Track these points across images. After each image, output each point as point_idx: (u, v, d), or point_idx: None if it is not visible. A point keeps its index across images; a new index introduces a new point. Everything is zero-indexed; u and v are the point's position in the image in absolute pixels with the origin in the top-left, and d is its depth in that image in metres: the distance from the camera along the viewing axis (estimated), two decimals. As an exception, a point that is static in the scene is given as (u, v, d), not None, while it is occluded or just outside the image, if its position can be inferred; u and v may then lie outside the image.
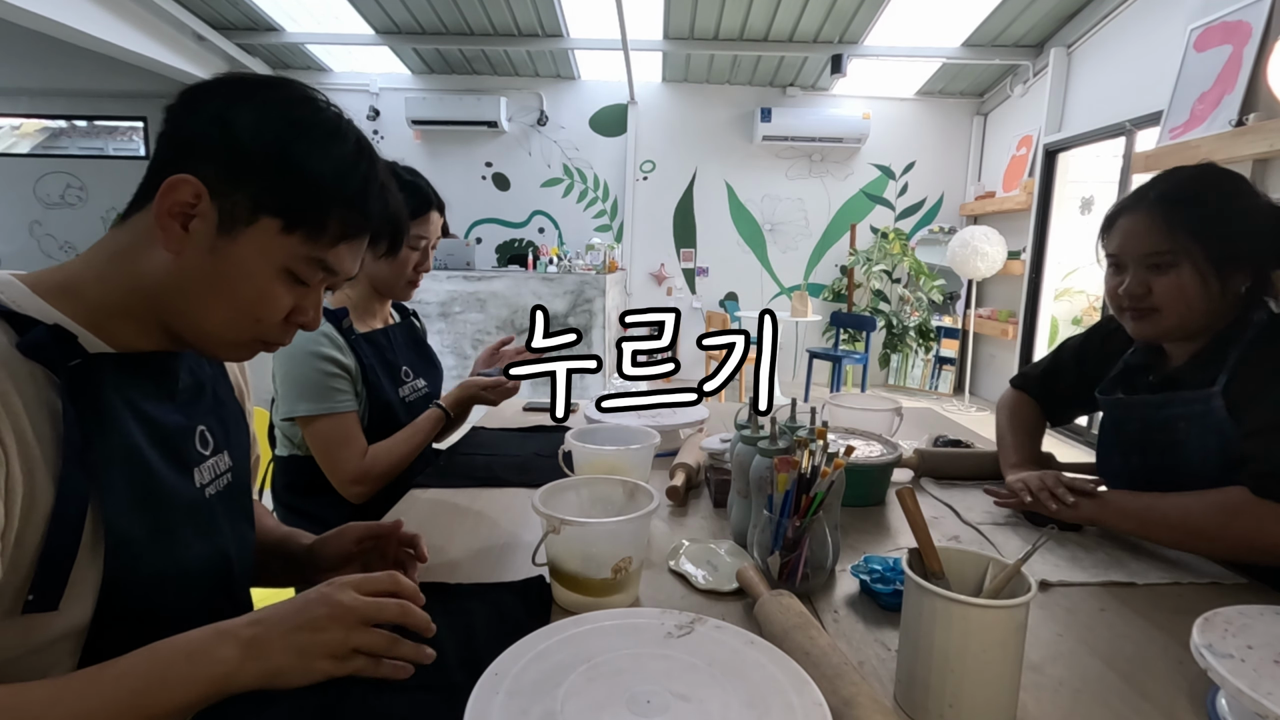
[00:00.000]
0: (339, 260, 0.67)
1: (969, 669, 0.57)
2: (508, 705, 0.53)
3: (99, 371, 0.59)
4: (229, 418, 0.77)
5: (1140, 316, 1.00)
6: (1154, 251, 0.96)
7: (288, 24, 5.11)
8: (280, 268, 0.64)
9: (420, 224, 1.32)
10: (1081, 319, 6.01)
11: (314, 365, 1.21)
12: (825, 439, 0.83)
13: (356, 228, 0.67)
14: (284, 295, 0.65)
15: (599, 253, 5.19)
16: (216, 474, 0.72)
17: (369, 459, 1.22)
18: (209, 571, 0.67)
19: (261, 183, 0.61)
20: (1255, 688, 0.53)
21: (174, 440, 0.66)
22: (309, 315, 0.68)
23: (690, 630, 0.63)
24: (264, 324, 0.65)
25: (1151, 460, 1.02)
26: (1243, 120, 2.84)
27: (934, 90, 5.86)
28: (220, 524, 0.70)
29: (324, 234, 0.64)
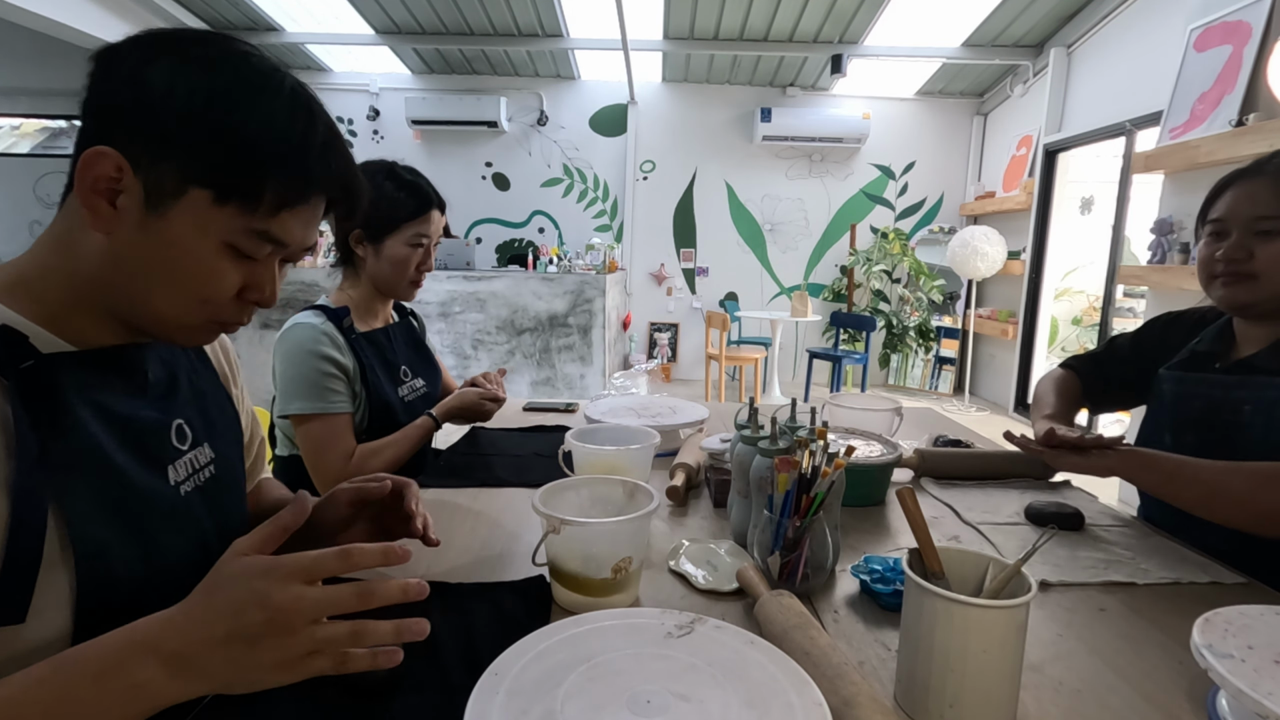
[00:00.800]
0: (285, 231, 0.60)
1: (969, 669, 0.57)
2: (508, 705, 0.53)
3: (56, 372, 0.56)
4: (211, 407, 0.74)
5: (1234, 281, 0.99)
6: (1267, 215, 0.95)
7: (288, 24, 5.11)
8: (220, 242, 0.58)
9: (421, 223, 1.31)
10: (1081, 319, 6.01)
11: (311, 364, 1.21)
12: (825, 439, 0.83)
13: (298, 194, 0.60)
14: (230, 272, 0.60)
15: (599, 253, 5.19)
16: (195, 468, 0.68)
17: (354, 462, 1.22)
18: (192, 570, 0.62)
19: (185, 150, 0.55)
20: (1256, 688, 0.53)
21: (146, 438, 0.62)
22: (264, 292, 0.63)
23: (690, 630, 0.63)
24: (213, 304, 0.60)
25: (1207, 438, 1.01)
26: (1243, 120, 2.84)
27: (934, 90, 5.87)
28: (200, 520, 0.67)
29: (260, 204, 0.57)
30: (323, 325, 1.25)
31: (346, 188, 0.65)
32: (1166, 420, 1.09)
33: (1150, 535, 1.02)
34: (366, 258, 1.32)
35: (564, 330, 4.72)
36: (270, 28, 5.14)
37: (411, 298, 1.41)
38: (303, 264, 4.53)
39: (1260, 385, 0.96)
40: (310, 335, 1.23)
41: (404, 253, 1.31)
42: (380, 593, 0.49)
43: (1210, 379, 1.04)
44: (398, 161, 1.34)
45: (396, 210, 1.29)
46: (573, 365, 4.76)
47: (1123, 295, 4.59)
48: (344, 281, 1.37)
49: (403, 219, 1.30)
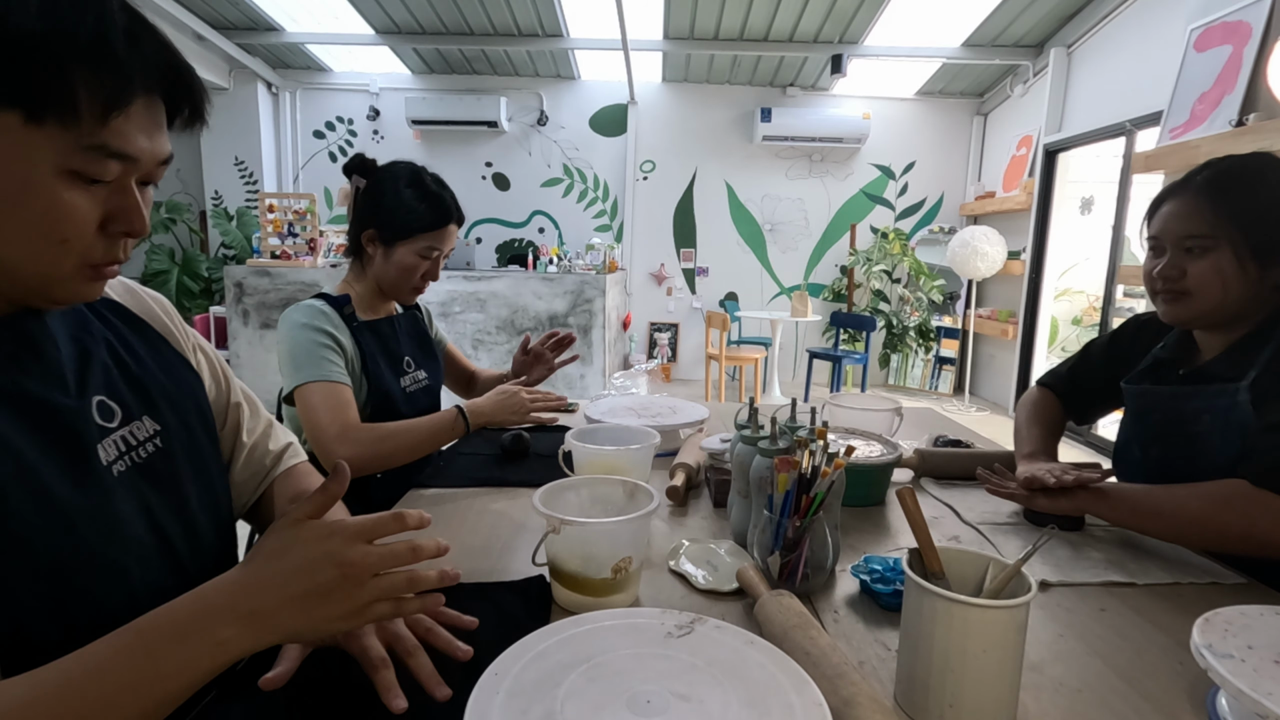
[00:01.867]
0: (124, 141, 0.52)
1: (969, 669, 0.57)
2: (508, 705, 0.53)
3: None
4: (149, 378, 0.68)
5: (1172, 299, 1.00)
6: (1192, 234, 0.96)
7: (288, 24, 5.11)
8: (55, 169, 0.50)
9: (437, 236, 1.32)
10: (1081, 319, 6.01)
11: (307, 336, 1.20)
12: (825, 439, 0.83)
13: (119, 92, 0.50)
14: (81, 202, 0.52)
15: (599, 253, 5.19)
16: (131, 445, 0.63)
17: (360, 437, 1.17)
18: (136, 554, 0.60)
19: None
20: (1256, 688, 0.53)
21: (60, 420, 0.57)
22: (133, 221, 0.55)
23: (690, 630, 0.63)
24: (75, 243, 0.53)
25: (1171, 453, 1.02)
26: (1243, 120, 2.84)
27: (934, 90, 5.87)
28: (142, 496, 0.62)
29: (79, 114, 0.49)
30: (321, 306, 1.25)
31: (174, 77, 0.55)
32: (1134, 433, 1.10)
33: (1150, 535, 1.02)
34: (375, 257, 1.32)
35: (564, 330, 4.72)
36: (270, 28, 5.14)
37: (411, 302, 1.41)
38: (302, 263, 4.54)
39: (1215, 394, 0.96)
40: (306, 312, 1.23)
41: (412, 261, 1.31)
42: (426, 547, 0.57)
43: (1167, 391, 1.04)
44: (425, 168, 1.34)
45: (414, 220, 1.29)
46: (573, 365, 4.76)
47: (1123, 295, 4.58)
48: (349, 274, 1.37)
49: (418, 229, 1.30)
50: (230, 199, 5.85)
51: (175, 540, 0.65)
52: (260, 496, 0.86)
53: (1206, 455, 0.96)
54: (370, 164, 1.34)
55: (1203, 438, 0.97)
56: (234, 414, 0.84)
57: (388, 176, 1.31)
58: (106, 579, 0.57)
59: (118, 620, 0.50)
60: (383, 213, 1.29)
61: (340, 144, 6.06)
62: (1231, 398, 0.94)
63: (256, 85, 5.67)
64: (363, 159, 1.34)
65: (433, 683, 0.59)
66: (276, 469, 0.87)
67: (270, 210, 4.63)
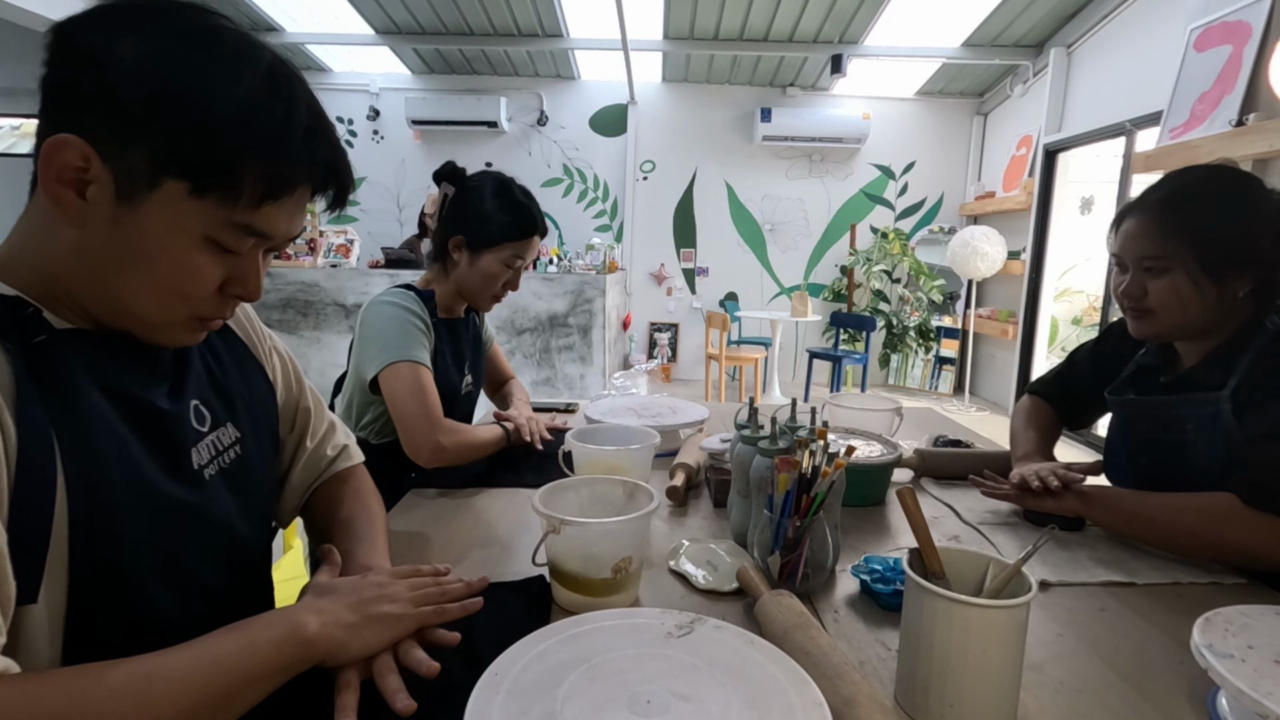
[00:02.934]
0: (268, 224, 0.56)
1: (969, 669, 0.57)
2: (507, 705, 0.53)
3: (67, 350, 0.53)
4: (233, 387, 0.71)
5: (1138, 316, 1.01)
6: (1147, 255, 0.97)
7: (288, 24, 5.11)
8: (199, 236, 0.54)
9: (522, 245, 1.34)
10: (1081, 319, 6.01)
11: (403, 317, 1.22)
12: (825, 439, 0.83)
13: (281, 184, 0.55)
14: (210, 267, 0.56)
15: (599, 253, 5.19)
16: (219, 449, 0.67)
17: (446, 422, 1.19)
18: (207, 553, 0.64)
19: (156, 137, 0.50)
20: (1256, 688, 0.53)
21: (162, 422, 0.60)
22: (248, 286, 0.59)
23: (690, 630, 0.63)
24: (195, 300, 0.57)
25: (1159, 461, 1.02)
26: (1243, 120, 2.84)
27: (934, 90, 5.87)
28: (223, 501, 0.66)
29: (241, 196, 0.53)
30: (412, 295, 1.28)
31: (333, 175, 0.60)
32: (1121, 442, 1.10)
33: (1150, 535, 1.02)
34: (460, 263, 1.34)
35: (564, 330, 4.72)
36: (270, 28, 5.14)
37: (489, 309, 1.43)
38: (302, 264, 4.54)
39: (1196, 402, 0.97)
40: (400, 296, 1.26)
41: (497, 269, 1.33)
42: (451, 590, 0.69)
43: (1150, 401, 1.05)
44: (514, 179, 1.37)
45: (501, 228, 1.32)
46: (573, 365, 4.77)
47: (1123, 295, 4.59)
48: (430, 274, 1.39)
49: (505, 238, 1.32)
50: (230, 199, 5.85)
51: (240, 544, 0.69)
52: (310, 496, 0.87)
53: (1194, 462, 0.97)
54: (460, 172, 1.37)
55: (1189, 445, 0.97)
56: (302, 418, 0.86)
57: (479, 185, 1.35)
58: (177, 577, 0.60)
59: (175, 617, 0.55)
60: (471, 220, 1.32)
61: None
62: (1214, 406, 0.94)
63: (256, 85, 5.67)
64: (453, 167, 1.36)
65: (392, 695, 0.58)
66: (330, 470, 0.88)
67: (270, 210, 4.62)
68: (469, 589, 0.70)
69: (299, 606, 0.60)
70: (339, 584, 0.64)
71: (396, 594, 0.64)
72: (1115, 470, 1.13)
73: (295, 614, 0.57)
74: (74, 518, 0.51)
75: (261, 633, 0.54)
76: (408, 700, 0.56)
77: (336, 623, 0.58)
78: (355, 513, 0.83)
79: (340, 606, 0.60)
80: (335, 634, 0.58)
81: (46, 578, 0.50)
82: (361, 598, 0.62)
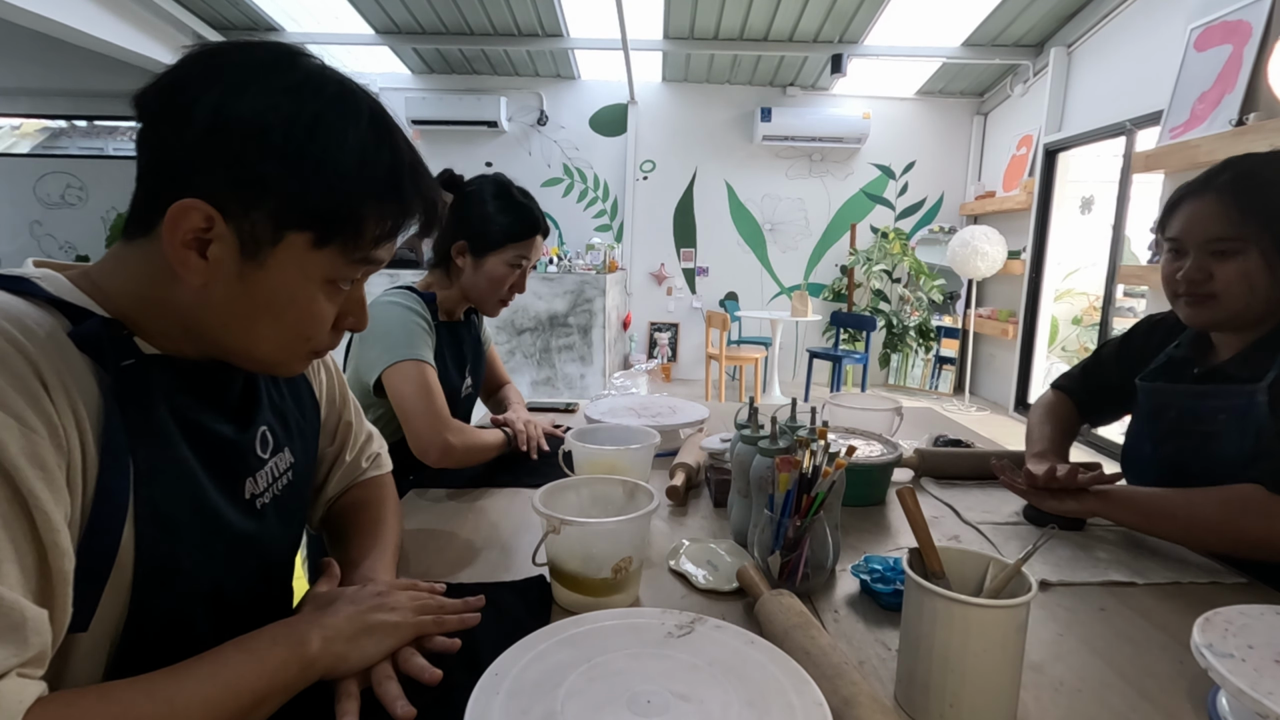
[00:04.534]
0: (381, 256, 0.59)
1: (969, 669, 0.57)
2: (508, 705, 0.53)
3: (151, 376, 0.54)
4: (289, 411, 0.72)
5: (1196, 303, 0.98)
6: (1220, 237, 0.94)
7: (288, 24, 5.11)
8: (322, 281, 0.56)
9: (525, 246, 1.34)
10: (1081, 319, 6.01)
11: (407, 317, 1.22)
12: (826, 439, 0.83)
13: (397, 220, 0.58)
14: (329, 306, 0.59)
15: (599, 252, 5.19)
16: (274, 477, 0.68)
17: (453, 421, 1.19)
18: (250, 583, 0.65)
19: (280, 193, 0.52)
20: (1256, 687, 0.53)
21: (227, 453, 0.61)
22: (360, 317, 0.62)
23: (690, 630, 0.63)
24: (315, 340, 0.60)
25: (1184, 450, 1.01)
26: (1243, 120, 2.84)
27: (934, 90, 5.87)
28: (273, 531, 0.67)
29: (363, 238, 0.55)
30: (416, 299, 1.28)
31: (433, 206, 0.62)
32: (1147, 430, 1.09)
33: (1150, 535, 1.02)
34: (465, 269, 1.34)
35: (564, 330, 4.72)
36: (270, 28, 5.14)
37: (496, 314, 1.42)
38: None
39: (1232, 394, 0.96)
40: (403, 297, 1.26)
41: (503, 272, 1.33)
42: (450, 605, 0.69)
43: (1183, 389, 1.04)
44: (512, 181, 1.37)
45: (504, 230, 1.31)
46: (573, 365, 4.77)
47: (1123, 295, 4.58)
48: (431, 278, 1.38)
49: (508, 239, 1.32)
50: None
51: (279, 566, 0.70)
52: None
53: (1221, 455, 0.96)
54: (458, 179, 1.36)
55: (1218, 437, 0.96)
56: (343, 432, 0.86)
57: (478, 189, 1.34)
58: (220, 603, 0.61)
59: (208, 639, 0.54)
60: (473, 224, 1.32)
61: (340, 144, 6.06)
62: (1249, 398, 0.93)
63: (256, 85, 5.67)
64: (451, 174, 1.36)
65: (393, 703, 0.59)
66: (360, 476, 0.89)
67: (270, 210, 4.63)
68: (466, 606, 0.70)
69: (300, 620, 0.59)
70: (337, 595, 0.64)
71: (395, 603, 0.64)
72: (1137, 460, 1.11)
73: (297, 630, 0.57)
74: (140, 547, 0.51)
75: (268, 650, 0.54)
76: (407, 707, 0.56)
77: (337, 636, 0.58)
78: (372, 521, 0.83)
79: (339, 619, 0.60)
80: (335, 648, 0.58)
81: (103, 606, 0.49)
82: (359, 608, 0.62)
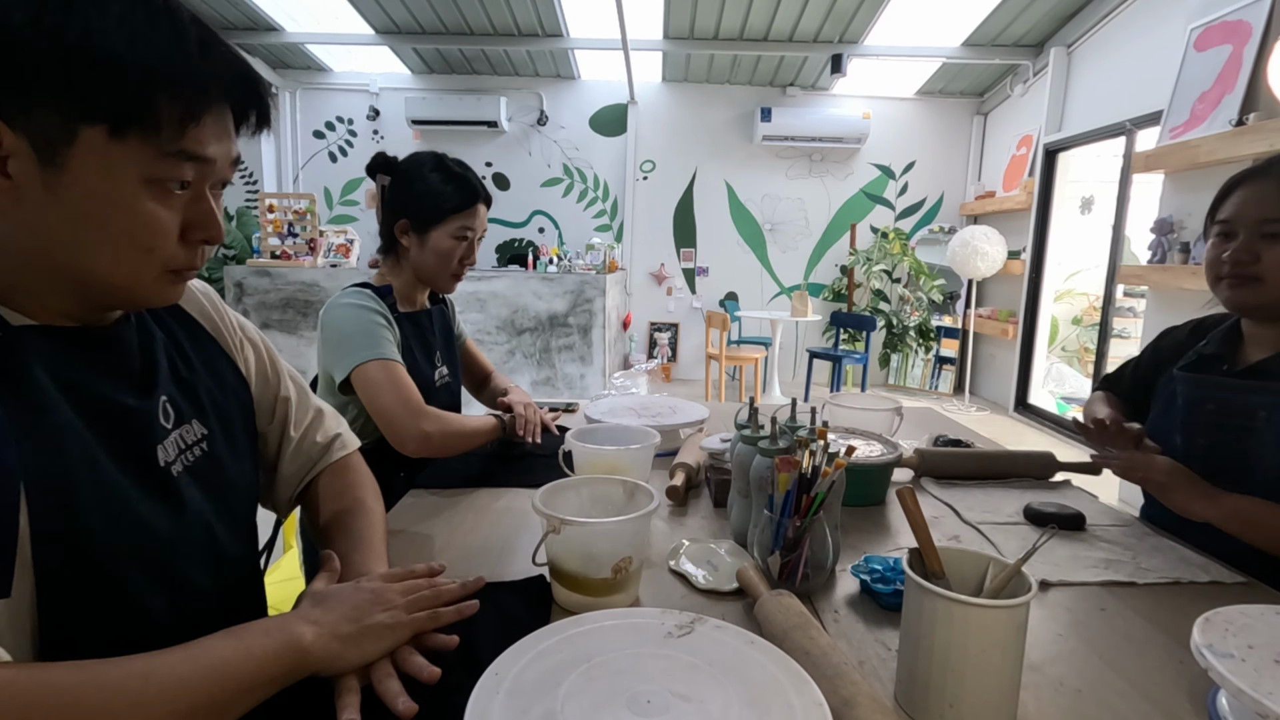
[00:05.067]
0: (199, 145, 0.54)
1: (969, 669, 0.57)
2: (508, 705, 0.53)
3: (24, 347, 0.53)
4: (199, 383, 0.70)
5: (1239, 284, 0.99)
6: (1274, 218, 0.95)
7: (288, 24, 5.11)
8: (138, 180, 0.53)
9: (467, 215, 1.32)
10: (1082, 319, 6.01)
11: (364, 316, 1.21)
12: (825, 439, 0.83)
13: (196, 103, 0.53)
14: (163, 211, 0.55)
15: (599, 252, 5.19)
16: (183, 447, 0.66)
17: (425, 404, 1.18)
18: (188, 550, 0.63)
19: (58, 89, 0.49)
20: (1256, 687, 0.53)
21: (129, 422, 0.60)
22: (210, 228, 0.58)
23: (690, 630, 0.63)
24: (160, 251, 0.56)
25: (1220, 444, 1.01)
26: (1243, 120, 2.84)
27: (934, 90, 5.87)
28: (194, 498, 0.65)
29: (161, 123, 0.52)
30: (368, 293, 1.26)
31: (244, 86, 0.58)
32: (1176, 422, 1.08)
33: (1151, 535, 1.02)
34: (410, 248, 1.33)
35: (564, 330, 4.72)
36: (270, 28, 5.14)
37: (452, 289, 1.41)
38: (302, 264, 4.54)
39: (1275, 391, 0.96)
40: (356, 296, 1.24)
41: (449, 245, 1.32)
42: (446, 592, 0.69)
43: (1223, 382, 1.03)
44: (445, 154, 1.36)
45: (443, 202, 1.30)
46: (573, 365, 4.76)
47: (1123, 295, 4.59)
48: (384, 269, 1.38)
49: (449, 211, 1.31)
50: (230, 199, 5.85)
51: (220, 544, 0.68)
52: (306, 486, 0.87)
53: (1257, 450, 0.96)
54: (392, 160, 1.36)
55: (1256, 433, 0.96)
56: (282, 408, 0.85)
57: (412, 166, 1.34)
58: (158, 576, 0.60)
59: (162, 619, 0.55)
60: (412, 201, 1.31)
61: (340, 144, 6.05)
62: None
63: (256, 85, 5.67)
64: (384, 156, 1.36)
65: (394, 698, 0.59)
66: (324, 460, 0.88)
67: (270, 210, 4.63)
68: (464, 589, 0.71)
69: (295, 616, 0.59)
70: (334, 592, 0.64)
71: (390, 601, 0.64)
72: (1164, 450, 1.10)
73: (291, 624, 0.57)
74: (34, 515, 0.50)
75: (258, 640, 0.54)
76: (409, 702, 0.56)
77: (332, 634, 0.58)
78: (351, 509, 0.83)
79: (336, 617, 0.60)
80: (330, 646, 0.58)
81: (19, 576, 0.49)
82: (357, 607, 0.62)
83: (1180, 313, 1.12)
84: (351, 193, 6.14)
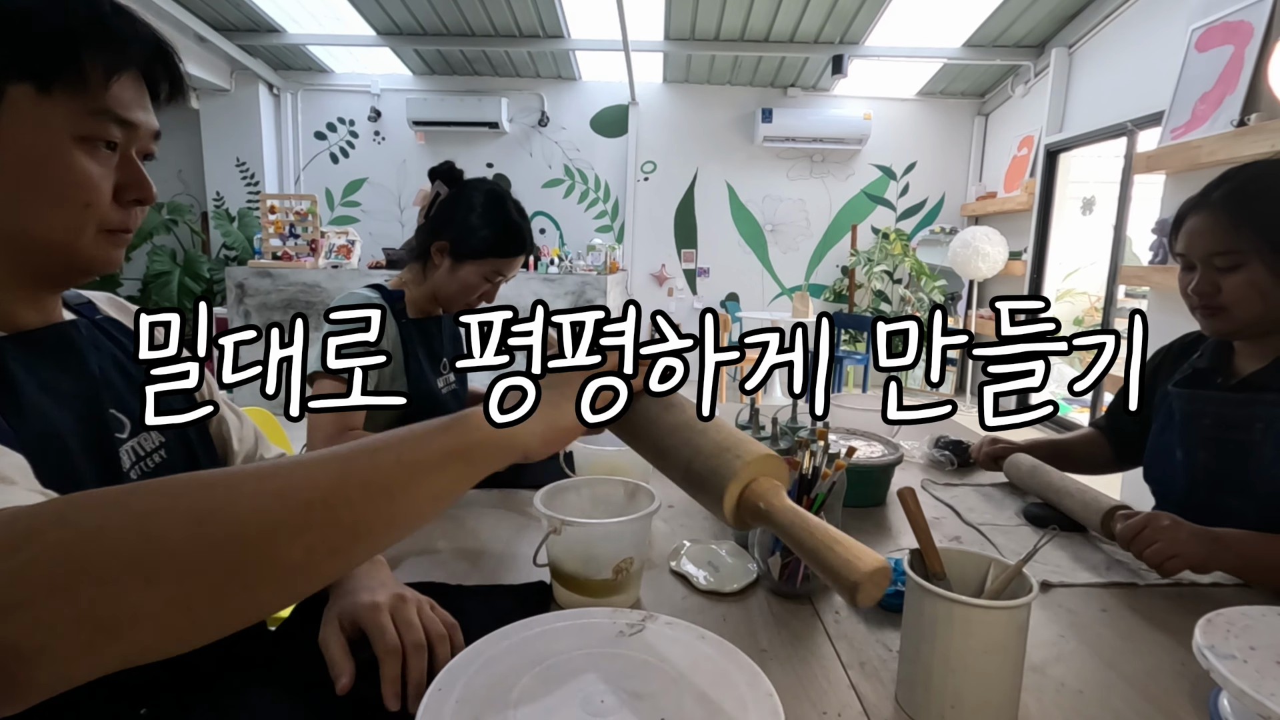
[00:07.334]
0: (124, 107, 0.57)
1: (970, 670, 0.57)
2: (459, 713, 0.51)
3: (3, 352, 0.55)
4: None
5: (1211, 314, 0.99)
6: (1219, 252, 0.95)
7: (289, 25, 5.12)
8: (67, 137, 0.54)
9: (506, 263, 1.32)
10: (1083, 319, 6.01)
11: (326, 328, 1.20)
12: (826, 439, 0.83)
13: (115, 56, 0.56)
14: (95, 168, 0.56)
15: (600, 253, 5.19)
16: (141, 454, 0.66)
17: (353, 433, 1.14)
18: None
19: None
20: (1258, 689, 0.53)
21: (94, 422, 0.61)
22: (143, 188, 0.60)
23: (641, 628, 0.63)
24: (96, 208, 0.57)
25: (1218, 459, 1.01)
26: (1244, 120, 2.83)
27: (935, 91, 5.86)
28: None
29: (86, 77, 0.54)
30: (372, 294, 1.25)
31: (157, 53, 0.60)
32: (1176, 438, 1.08)
33: (1152, 536, 1.01)
34: (440, 268, 1.32)
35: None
36: (271, 29, 5.14)
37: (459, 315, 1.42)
38: (304, 264, 4.54)
39: (1270, 403, 0.96)
40: (349, 298, 1.23)
41: (475, 281, 1.31)
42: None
43: (1218, 396, 1.03)
44: (509, 193, 1.35)
45: (490, 243, 1.30)
46: (574, 366, 4.76)
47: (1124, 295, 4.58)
48: (408, 273, 1.37)
49: (490, 253, 1.30)
50: (232, 200, 5.85)
51: None
52: None
53: (1256, 464, 0.96)
54: (458, 174, 1.35)
55: (1255, 446, 0.96)
56: (218, 425, 0.85)
57: (475, 193, 1.32)
58: None
59: None
60: (460, 227, 1.30)
61: (341, 145, 6.06)
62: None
63: (258, 86, 5.67)
64: (452, 167, 1.35)
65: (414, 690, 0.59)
66: None
67: (272, 211, 4.64)
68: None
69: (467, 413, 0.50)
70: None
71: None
72: (1163, 467, 1.10)
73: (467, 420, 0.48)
74: None
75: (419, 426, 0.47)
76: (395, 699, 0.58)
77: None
78: None
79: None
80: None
81: None
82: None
83: (1181, 313, 1.12)
84: (353, 194, 6.14)
